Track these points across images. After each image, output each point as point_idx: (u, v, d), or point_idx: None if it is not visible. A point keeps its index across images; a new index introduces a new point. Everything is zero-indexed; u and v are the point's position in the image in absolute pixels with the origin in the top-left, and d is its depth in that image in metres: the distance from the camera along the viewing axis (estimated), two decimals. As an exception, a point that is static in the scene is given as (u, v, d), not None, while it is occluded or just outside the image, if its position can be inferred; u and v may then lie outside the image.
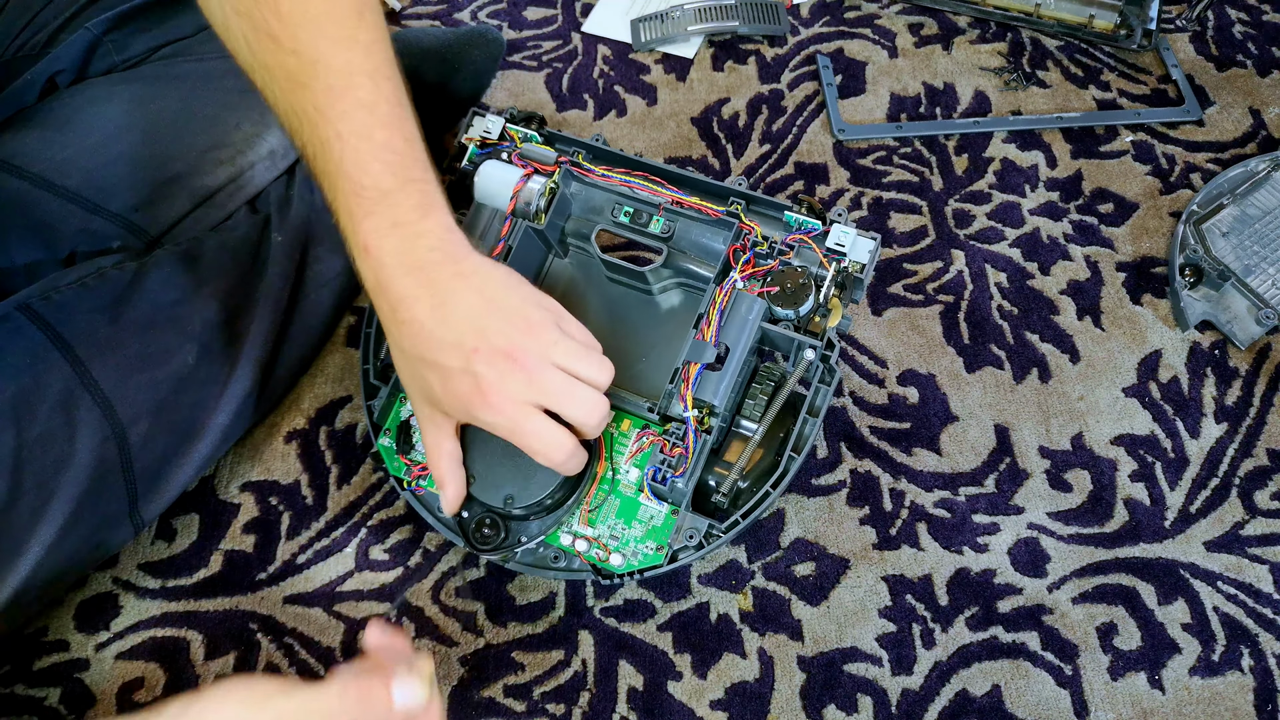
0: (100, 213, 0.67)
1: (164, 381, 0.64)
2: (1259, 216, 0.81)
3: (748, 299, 0.64)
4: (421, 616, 0.67)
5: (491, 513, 0.62)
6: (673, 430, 0.63)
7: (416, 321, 0.53)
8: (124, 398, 0.62)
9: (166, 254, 0.66)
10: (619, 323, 0.70)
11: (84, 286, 0.62)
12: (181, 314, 0.65)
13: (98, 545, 0.64)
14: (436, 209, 0.55)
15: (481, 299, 0.54)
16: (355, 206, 0.53)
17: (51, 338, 0.60)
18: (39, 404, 0.59)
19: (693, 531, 0.61)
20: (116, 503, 0.63)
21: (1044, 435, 0.74)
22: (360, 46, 0.53)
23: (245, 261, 0.69)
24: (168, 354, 0.64)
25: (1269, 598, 0.67)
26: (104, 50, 0.73)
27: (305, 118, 0.53)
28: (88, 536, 0.62)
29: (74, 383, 0.60)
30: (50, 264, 0.67)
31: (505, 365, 0.53)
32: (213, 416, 0.67)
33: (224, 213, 0.70)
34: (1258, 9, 0.97)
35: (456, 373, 0.53)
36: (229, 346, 0.67)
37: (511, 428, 0.55)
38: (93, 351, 0.61)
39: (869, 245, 0.65)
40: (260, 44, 0.53)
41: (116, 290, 0.63)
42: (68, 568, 0.62)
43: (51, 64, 0.71)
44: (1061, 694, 0.64)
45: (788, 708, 0.64)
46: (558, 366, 0.55)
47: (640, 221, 0.68)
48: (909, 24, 0.97)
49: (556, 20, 0.99)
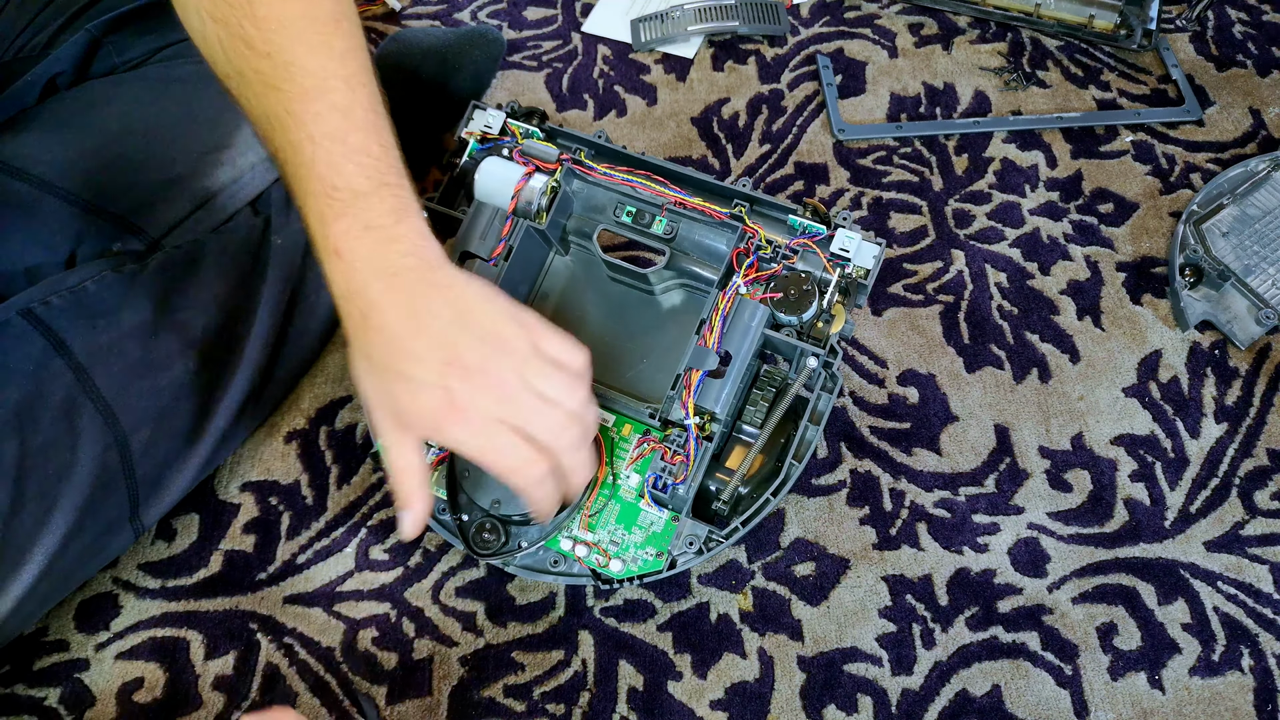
0: (101, 214, 0.67)
1: (165, 389, 0.64)
2: (1259, 216, 0.81)
3: (750, 305, 0.64)
4: (421, 616, 0.67)
5: (491, 517, 0.62)
6: (674, 436, 0.63)
7: (388, 329, 0.52)
8: (125, 405, 0.62)
9: (167, 256, 0.66)
10: (620, 323, 0.70)
11: (85, 291, 0.62)
12: (183, 320, 0.65)
13: (99, 551, 0.64)
14: (411, 215, 0.53)
15: (455, 311, 0.52)
16: (326, 209, 0.52)
17: (54, 344, 0.60)
18: (42, 412, 0.59)
19: (693, 538, 0.61)
20: (118, 509, 0.63)
21: (1044, 435, 0.74)
22: (336, 53, 0.53)
23: (246, 264, 0.69)
24: (169, 360, 0.64)
25: (1269, 598, 0.67)
26: (105, 52, 0.73)
27: (278, 121, 0.52)
28: (89, 544, 0.62)
29: (76, 390, 0.60)
30: (51, 266, 0.67)
31: (478, 381, 0.52)
32: (212, 421, 0.67)
33: (224, 214, 0.70)
34: (1258, 9, 0.97)
35: (427, 386, 0.52)
36: (229, 352, 0.67)
37: (480, 444, 0.53)
38: (94, 358, 0.61)
39: (874, 250, 0.65)
40: (235, 49, 0.52)
41: (118, 295, 0.63)
42: (69, 574, 0.62)
43: (52, 65, 0.71)
44: (1061, 694, 0.64)
45: (788, 708, 0.64)
46: (530, 386, 0.53)
47: (643, 222, 0.68)
48: (909, 24, 0.97)
49: (556, 20, 0.99)
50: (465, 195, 0.72)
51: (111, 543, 0.64)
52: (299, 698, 0.64)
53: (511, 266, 0.67)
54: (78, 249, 0.67)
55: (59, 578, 0.61)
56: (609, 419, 0.66)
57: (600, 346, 0.69)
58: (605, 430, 0.65)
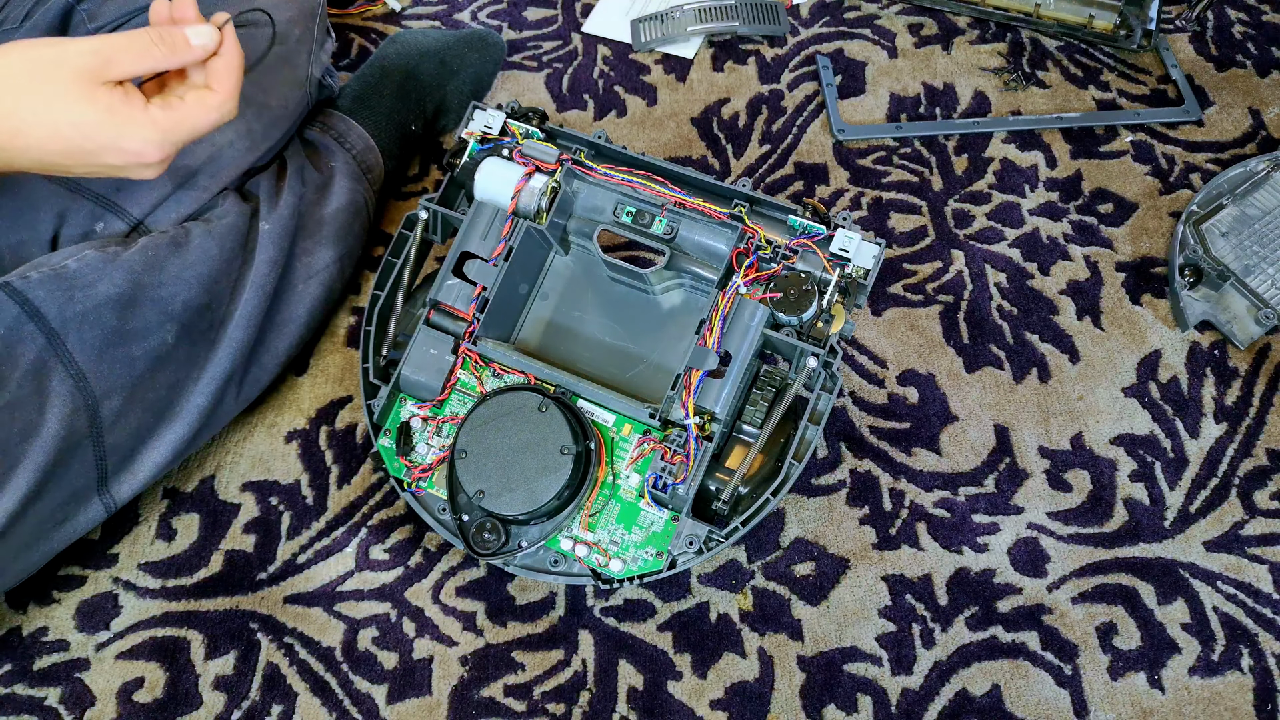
0: (82, 192, 0.67)
1: (140, 358, 0.64)
2: (1258, 216, 0.81)
3: (750, 305, 0.64)
4: (421, 616, 0.67)
5: (492, 517, 0.62)
6: (674, 436, 0.63)
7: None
8: (98, 371, 0.62)
9: (152, 239, 0.66)
10: (620, 323, 0.70)
11: (65, 268, 0.62)
12: (163, 294, 0.65)
13: (64, 520, 0.63)
14: None
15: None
16: None
17: (29, 312, 0.60)
18: (10, 371, 0.59)
19: (693, 538, 0.61)
20: (84, 477, 0.63)
21: (1044, 435, 0.74)
22: None
23: (233, 248, 0.69)
24: (146, 331, 0.64)
25: (1268, 598, 0.67)
26: (78, 19, 0.73)
27: None
28: (54, 510, 0.62)
29: (48, 353, 0.60)
30: (34, 246, 0.67)
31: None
32: (190, 397, 0.67)
33: (206, 195, 0.70)
34: (1257, 9, 0.97)
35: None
36: (210, 329, 0.67)
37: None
38: (68, 325, 0.61)
39: (873, 250, 0.65)
40: None
41: (97, 271, 0.63)
42: (31, 542, 0.62)
43: (31, 35, 0.71)
44: (1061, 694, 0.64)
45: (788, 707, 0.64)
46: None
47: (643, 222, 0.68)
48: (909, 24, 0.97)
49: (556, 21, 0.99)
50: (465, 195, 0.72)
51: (78, 513, 0.64)
52: (299, 698, 0.64)
53: (511, 266, 0.67)
54: (61, 229, 0.67)
55: (19, 543, 0.61)
56: (609, 419, 0.66)
57: (600, 346, 0.69)
58: (605, 430, 0.65)
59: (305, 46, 0.79)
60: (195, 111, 0.56)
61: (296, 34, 0.78)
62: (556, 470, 0.60)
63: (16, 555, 0.61)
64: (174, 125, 0.55)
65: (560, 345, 0.69)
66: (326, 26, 0.84)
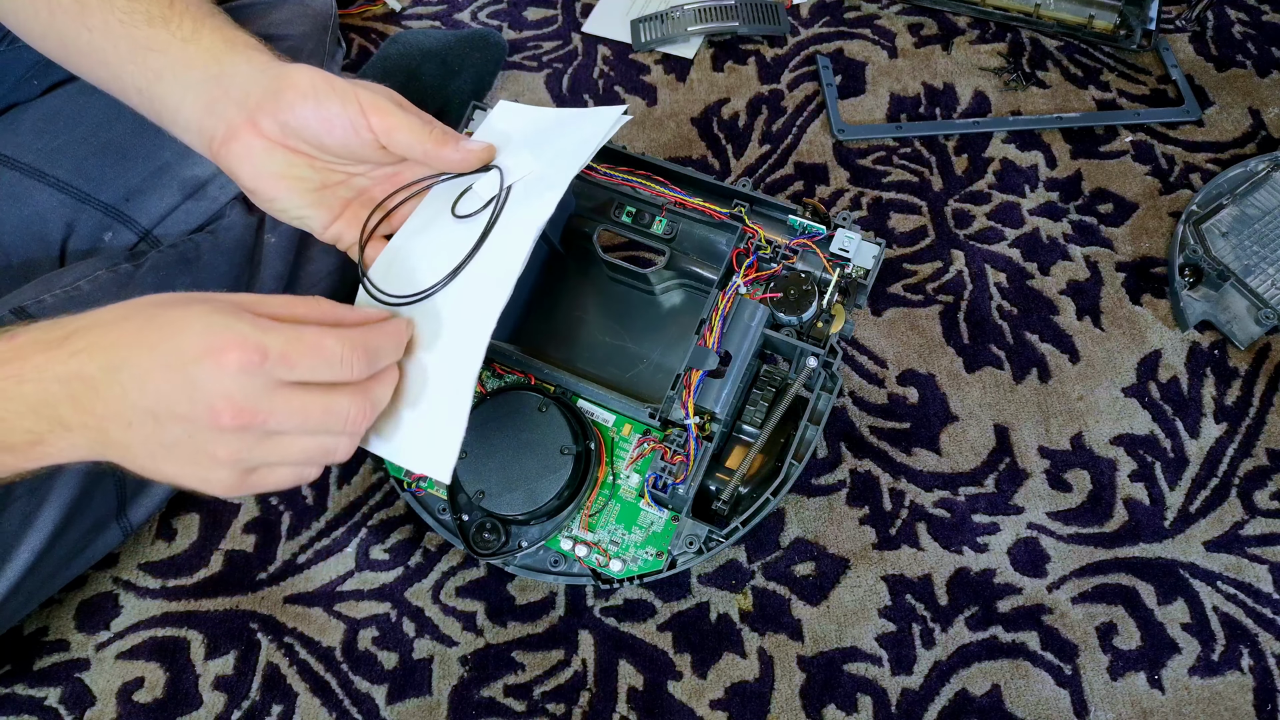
0: (91, 202, 0.67)
1: None
2: (1258, 216, 0.81)
3: (750, 305, 0.64)
4: (421, 616, 0.67)
5: (492, 517, 0.62)
6: (674, 436, 0.63)
7: None
8: None
9: (162, 256, 0.66)
10: (620, 323, 0.70)
11: (79, 290, 0.62)
12: None
13: (85, 549, 0.64)
14: None
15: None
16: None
17: None
18: None
19: (693, 538, 0.61)
20: (105, 506, 0.63)
21: (1044, 435, 0.74)
22: None
23: (240, 263, 0.69)
24: None
25: (1268, 598, 0.67)
26: None
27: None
28: (77, 541, 0.62)
29: None
30: (45, 262, 0.67)
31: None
32: None
33: (215, 206, 0.70)
34: (1257, 9, 0.97)
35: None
36: None
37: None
38: None
39: (873, 250, 0.65)
40: None
41: (112, 295, 0.63)
42: (55, 572, 0.62)
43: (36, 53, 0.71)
44: (1061, 694, 0.64)
45: (788, 707, 0.64)
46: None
47: (643, 222, 0.68)
48: (909, 24, 0.97)
49: (556, 21, 0.99)
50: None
51: (98, 541, 0.64)
52: (299, 698, 0.64)
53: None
54: (69, 239, 0.67)
55: (45, 575, 0.61)
56: (609, 419, 0.66)
57: (600, 346, 0.69)
58: (605, 430, 0.65)
59: (317, 60, 0.79)
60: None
61: (310, 48, 0.78)
62: (556, 470, 0.60)
63: (42, 585, 0.62)
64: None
65: (560, 345, 0.69)
66: (338, 36, 0.84)
